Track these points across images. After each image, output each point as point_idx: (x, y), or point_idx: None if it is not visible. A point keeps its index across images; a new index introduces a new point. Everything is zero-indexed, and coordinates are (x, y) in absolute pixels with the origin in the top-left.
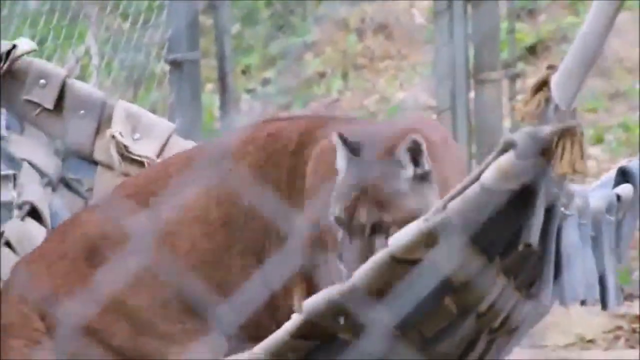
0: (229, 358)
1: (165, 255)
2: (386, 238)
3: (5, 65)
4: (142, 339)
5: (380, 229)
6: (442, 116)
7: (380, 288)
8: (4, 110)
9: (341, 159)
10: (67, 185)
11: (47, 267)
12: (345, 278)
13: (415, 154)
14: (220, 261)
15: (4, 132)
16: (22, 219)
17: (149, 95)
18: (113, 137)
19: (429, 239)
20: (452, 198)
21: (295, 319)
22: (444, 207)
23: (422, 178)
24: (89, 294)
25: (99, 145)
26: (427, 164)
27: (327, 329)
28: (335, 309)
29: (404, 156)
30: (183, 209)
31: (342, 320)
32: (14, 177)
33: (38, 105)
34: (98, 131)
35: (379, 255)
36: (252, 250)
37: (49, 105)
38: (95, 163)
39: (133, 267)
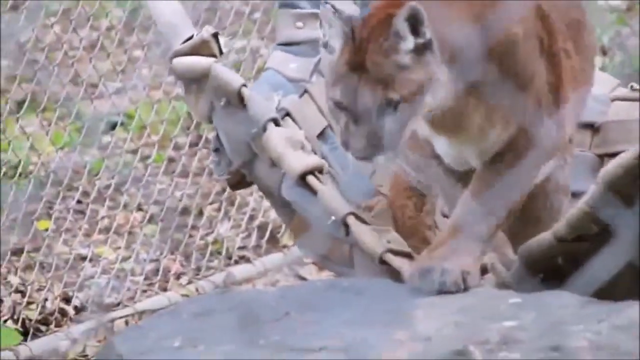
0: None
1: None
2: (395, 116)
3: None
4: None
5: (388, 109)
6: None
7: None
8: None
9: (336, 36)
10: None
11: None
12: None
13: (414, 23)
14: None
15: None
16: None
17: None
18: None
19: None
20: None
21: (593, 190)
22: None
23: (425, 48)
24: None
25: None
26: (428, 32)
27: (626, 196)
28: (634, 173)
29: (402, 27)
30: None
31: None
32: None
33: None
34: None
35: None
36: None
37: None
38: None
39: None
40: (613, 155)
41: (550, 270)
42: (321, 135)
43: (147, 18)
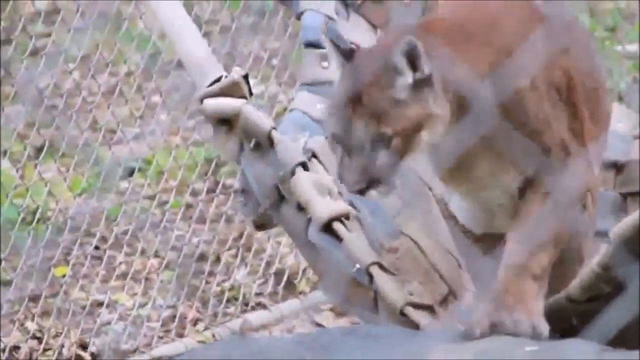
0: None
1: None
2: (388, 151)
3: None
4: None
5: (381, 144)
6: None
7: None
8: None
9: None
10: None
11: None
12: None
13: (412, 57)
14: None
15: (334, 15)
16: None
17: None
18: None
19: None
20: None
21: (604, 251)
22: None
23: (423, 83)
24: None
25: None
26: (426, 68)
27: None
28: None
29: (399, 61)
30: None
31: None
32: None
33: None
34: None
35: None
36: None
37: None
38: None
39: None
40: (636, 194)
41: (565, 330)
42: None
43: (166, 63)
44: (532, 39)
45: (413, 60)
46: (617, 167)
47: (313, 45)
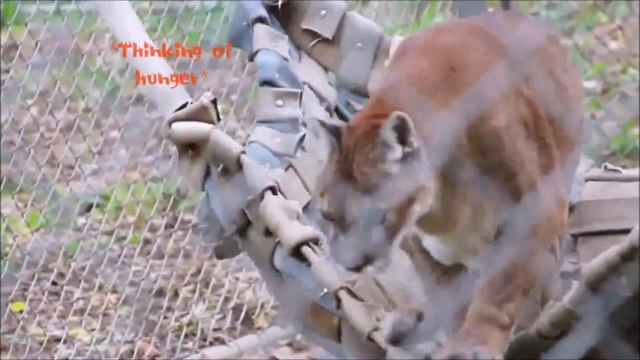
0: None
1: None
2: (384, 226)
3: None
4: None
5: (376, 219)
6: None
7: None
8: (286, 36)
9: (323, 146)
10: (341, 115)
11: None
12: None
13: (401, 132)
14: None
15: (287, 56)
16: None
17: (431, 20)
18: None
19: None
20: None
21: (576, 288)
22: None
23: (412, 157)
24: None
25: (374, 77)
26: (415, 142)
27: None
28: (617, 269)
29: (389, 136)
30: None
31: (624, 280)
32: (300, 95)
33: (316, 35)
34: (374, 63)
35: None
36: None
37: (329, 35)
38: (368, 95)
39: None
40: (586, 234)
41: None
42: (305, 209)
43: (125, 99)
44: (495, 78)
45: (402, 135)
46: (569, 209)
47: (269, 83)
